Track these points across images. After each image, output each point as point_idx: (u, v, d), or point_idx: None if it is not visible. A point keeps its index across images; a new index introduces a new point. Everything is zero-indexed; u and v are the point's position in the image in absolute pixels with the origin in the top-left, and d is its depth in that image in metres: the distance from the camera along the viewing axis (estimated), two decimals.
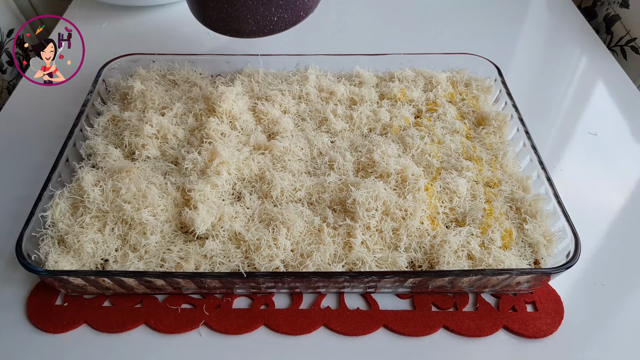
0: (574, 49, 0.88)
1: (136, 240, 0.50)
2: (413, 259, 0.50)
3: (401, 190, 0.54)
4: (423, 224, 0.51)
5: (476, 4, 0.99)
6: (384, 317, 0.50)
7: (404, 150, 0.60)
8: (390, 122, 0.64)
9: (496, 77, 0.69)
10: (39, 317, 0.50)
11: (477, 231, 0.51)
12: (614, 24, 0.92)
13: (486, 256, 0.49)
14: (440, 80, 0.69)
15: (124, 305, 0.51)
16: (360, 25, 0.93)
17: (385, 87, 0.69)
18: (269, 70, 0.71)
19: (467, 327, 0.49)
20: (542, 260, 0.51)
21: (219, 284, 0.49)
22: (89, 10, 0.93)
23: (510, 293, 0.52)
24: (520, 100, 0.65)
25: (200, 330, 0.50)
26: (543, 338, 0.49)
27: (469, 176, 0.56)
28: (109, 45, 0.82)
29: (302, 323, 0.50)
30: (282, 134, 0.62)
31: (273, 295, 0.52)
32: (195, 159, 0.56)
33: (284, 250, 0.49)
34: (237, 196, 0.56)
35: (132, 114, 0.63)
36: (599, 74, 0.82)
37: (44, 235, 0.51)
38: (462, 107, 0.67)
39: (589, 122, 0.73)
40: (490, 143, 0.61)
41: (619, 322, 0.51)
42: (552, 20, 0.96)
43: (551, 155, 0.68)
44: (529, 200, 0.54)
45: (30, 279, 0.53)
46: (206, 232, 0.51)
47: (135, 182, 0.53)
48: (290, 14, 0.58)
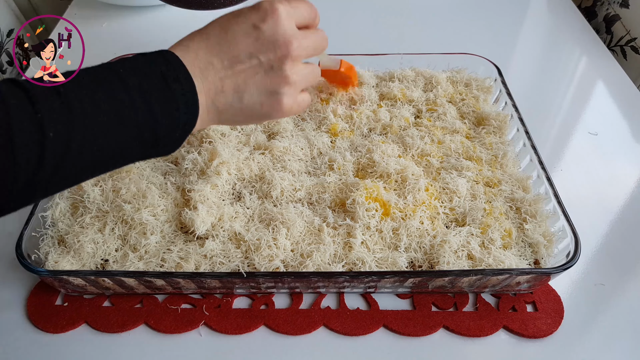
0: (574, 49, 0.88)
1: (136, 240, 0.50)
2: (413, 259, 0.50)
3: (401, 190, 0.54)
4: (423, 224, 0.51)
5: (476, 4, 0.99)
6: (384, 317, 0.50)
7: (404, 150, 0.60)
8: (390, 122, 0.64)
9: (496, 77, 0.69)
10: (39, 317, 0.50)
11: (477, 231, 0.51)
12: (614, 24, 0.92)
13: (486, 256, 0.49)
14: (440, 80, 0.69)
15: (124, 305, 0.51)
16: (360, 25, 0.93)
17: (385, 87, 0.69)
18: None
19: (467, 327, 0.49)
20: (542, 260, 0.51)
21: (219, 284, 0.49)
22: (89, 10, 0.93)
23: (510, 293, 0.52)
24: (520, 100, 0.65)
25: (200, 330, 0.50)
26: (543, 338, 0.49)
27: (469, 176, 0.56)
28: (109, 45, 0.82)
29: (302, 323, 0.50)
30: (282, 134, 0.62)
31: (273, 295, 0.52)
32: (195, 159, 0.56)
33: (284, 250, 0.49)
34: (237, 196, 0.56)
35: None
36: (599, 74, 0.82)
37: (44, 235, 0.51)
38: (462, 107, 0.67)
39: (589, 122, 0.73)
40: (490, 143, 0.61)
41: (619, 322, 0.51)
42: (552, 20, 0.96)
43: (551, 155, 0.68)
44: (529, 200, 0.54)
45: (30, 279, 0.53)
46: (206, 232, 0.51)
47: (135, 182, 0.53)
48: None
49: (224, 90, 0.40)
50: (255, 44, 0.40)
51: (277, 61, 0.41)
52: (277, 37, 0.40)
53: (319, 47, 0.45)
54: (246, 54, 0.40)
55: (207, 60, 0.39)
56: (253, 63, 0.40)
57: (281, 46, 0.40)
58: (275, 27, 0.40)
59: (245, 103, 0.41)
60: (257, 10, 0.41)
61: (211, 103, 0.40)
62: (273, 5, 0.41)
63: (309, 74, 0.45)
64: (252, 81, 0.41)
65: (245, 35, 0.40)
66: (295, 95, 0.44)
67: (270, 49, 0.40)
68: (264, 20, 0.40)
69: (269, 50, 0.40)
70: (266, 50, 0.40)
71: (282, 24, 0.40)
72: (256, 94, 0.41)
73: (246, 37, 0.40)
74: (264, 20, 0.40)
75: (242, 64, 0.40)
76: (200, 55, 0.39)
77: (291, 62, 0.41)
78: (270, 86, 0.42)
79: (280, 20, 0.40)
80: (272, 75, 0.41)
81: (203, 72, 0.39)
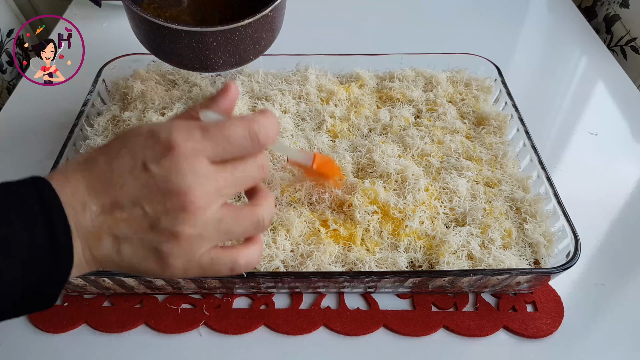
0: (574, 49, 0.88)
1: None
2: (413, 259, 0.50)
3: (401, 190, 0.54)
4: (423, 224, 0.51)
5: (476, 4, 0.99)
6: (384, 317, 0.50)
7: (404, 150, 0.60)
8: (390, 122, 0.64)
9: (496, 77, 0.69)
10: (39, 317, 0.50)
11: (477, 231, 0.51)
12: (614, 24, 0.92)
13: (486, 256, 0.49)
14: (440, 80, 0.69)
15: (124, 305, 0.51)
16: (360, 25, 0.93)
17: (385, 87, 0.69)
18: (269, 70, 0.71)
19: (467, 327, 0.49)
20: (542, 260, 0.51)
21: (219, 283, 0.49)
22: (89, 10, 0.93)
23: (510, 293, 0.52)
24: (520, 100, 0.65)
25: (200, 330, 0.50)
26: (543, 338, 0.49)
27: (469, 176, 0.56)
28: (109, 45, 0.82)
29: (302, 323, 0.50)
30: (282, 133, 0.62)
31: (273, 295, 0.52)
32: None
33: (284, 250, 0.49)
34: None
35: (132, 114, 0.63)
36: (599, 74, 0.82)
37: None
38: (462, 107, 0.67)
39: (589, 122, 0.73)
40: (490, 143, 0.61)
41: (619, 322, 0.51)
42: (552, 20, 0.96)
43: (551, 155, 0.68)
44: (529, 200, 0.54)
45: None
46: None
47: None
48: (238, 59, 0.57)
49: (102, 239, 0.32)
50: (142, 189, 0.31)
51: (166, 214, 0.31)
52: (170, 185, 0.31)
53: (242, 185, 0.34)
54: (130, 200, 0.31)
55: (84, 202, 0.31)
56: (137, 213, 0.32)
57: (174, 197, 0.31)
58: (169, 171, 0.31)
59: (125, 257, 0.33)
60: (154, 142, 0.31)
61: (88, 252, 0.32)
62: (171, 139, 0.31)
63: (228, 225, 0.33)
64: (135, 233, 0.32)
65: (132, 175, 0.31)
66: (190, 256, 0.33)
67: (159, 199, 0.31)
68: (156, 160, 0.31)
69: (157, 201, 0.31)
70: (153, 200, 0.31)
71: (179, 167, 0.31)
72: (139, 249, 0.33)
73: (132, 178, 0.31)
74: (156, 159, 0.31)
75: (122, 211, 0.32)
76: (78, 192, 0.31)
77: (188, 216, 0.32)
78: (154, 242, 0.32)
79: (178, 162, 0.31)
80: (158, 229, 0.32)
81: (78, 215, 0.31)
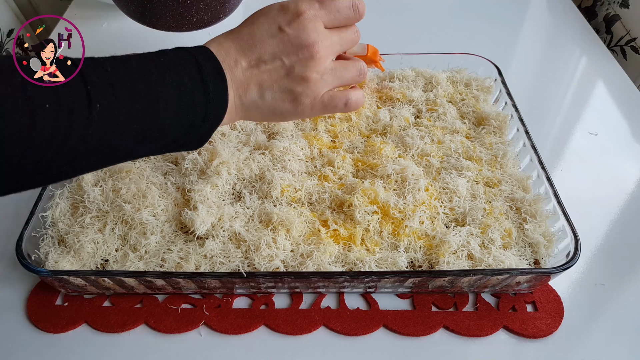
0: (574, 49, 0.88)
1: (136, 240, 0.50)
2: (413, 259, 0.50)
3: (401, 190, 0.54)
4: (423, 224, 0.51)
5: (476, 4, 0.99)
6: (384, 317, 0.50)
7: (404, 150, 0.60)
8: (390, 122, 0.64)
9: (496, 77, 0.69)
10: (39, 317, 0.50)
11: (477, 231, 0.51)
12: (614, 24, 0.93)
13: (486, 256, 0.49)
14: (440, 80, 0.69)
15: (124, 305, 0.51)
16: (360, 25, 0.93)
17: (385, 87, 0.69)
18: None
19: (467, 327, 0.49)
20: (542, 260, 0.51)
21: (219, 283, 0.49)
22: (89, 10, 0.93)
23: (510, 293, 0.52)
24: (520, 100, 0.65)
25: (200, 330, 0.50)
26: (543, 338, 0.49)
27: (469, 176, 0.56)
28: (109, 45, 0.82)
29: (302, 323, 0.50)
30: (282, 133, 0.62)
31: (273, 295, 0.52)
32: (195, 159, 0.56)
33: (284, 250, 0.49)
34: (237, 196, 0.56)
35: None
36: (599, 74, 0.82)
37: (44, 235, 0.51)
38: (462, 107, 0.67)
39: (589, 122, 0.73)
40: (490, 143, 0.61)
41: (619, 322, 0.51)
42: (552, 20, 0.96)
43: (551, 155, 0.68)
44: (529, 200, 0.54)
45: (30, 279, 0.53)
46: (206, 232, 0.51)
47: (135, 182, 0.53)
48: (210, 16, 0.59)
49: (249, 88, 0.43)
50: (280, 45, 0.43)
51: (299, 63, 0.43)
52: (300, 40, 0.42)
53: (346, 44, 0.47)
54: (270, 55, 0.43)
55: (236, 59, 0.42)
56: (276, 64, 0.43)
57: (304, 49, 0.43)
58: (299, 31, 0.42)
59: (267, 101, 0.44)
60: (285, 11, 0.43)
61: (238, 99, 0.43)
62: (299, 8, 0.43)
63: (340, 72, 0.46)
64: (275, 81, 0.43)
65: (271, 37, 0.43)
66: (316, 94, 0.45)
67: (293, 52, 0.43)
68: (289, 24, 0.43)
69: (292, 53, 0.43)
70: (289, 53, 0.43)
71: (306, 27, 0.43)
72: (278, 93, 0.44)
73: (271, 38, 0.43)
74: (289, 23, 0.43)
75: (266, 64, 0.43)
76: (231, 54, 0.42)
77: (314, 63, 0.43)
78: (290, 86, 0.44)
79: (305, 23, 0.43)
80: (293, 75, 0.43)
81: (232, 70, 0.42)
